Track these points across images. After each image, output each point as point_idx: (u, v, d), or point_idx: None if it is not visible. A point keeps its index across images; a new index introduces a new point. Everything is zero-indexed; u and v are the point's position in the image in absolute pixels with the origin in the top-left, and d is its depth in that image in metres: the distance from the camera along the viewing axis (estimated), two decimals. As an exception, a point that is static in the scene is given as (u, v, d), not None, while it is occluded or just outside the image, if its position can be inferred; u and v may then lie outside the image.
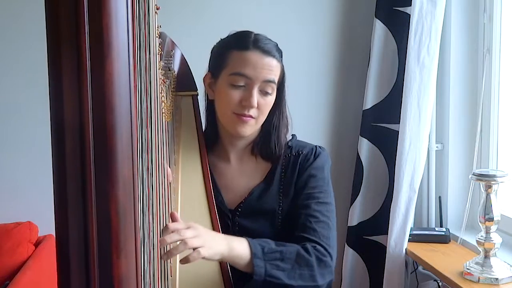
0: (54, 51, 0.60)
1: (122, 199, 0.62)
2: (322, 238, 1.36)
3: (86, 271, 0.60)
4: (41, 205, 2.33)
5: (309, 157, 1.47)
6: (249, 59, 1.38)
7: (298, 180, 1.45)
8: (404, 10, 2.31)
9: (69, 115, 0.60)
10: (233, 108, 1.40)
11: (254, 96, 1.38)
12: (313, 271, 1.31)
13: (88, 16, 0.59)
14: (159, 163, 1.08)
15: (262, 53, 1.39)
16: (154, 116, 0.97)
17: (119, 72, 0.62)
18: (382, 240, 2.38)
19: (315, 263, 1.31)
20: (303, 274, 1.30)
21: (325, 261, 1.33)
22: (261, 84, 1.39)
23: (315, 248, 1.34)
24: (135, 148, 0.66)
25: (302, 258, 1.31)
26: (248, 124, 1.41)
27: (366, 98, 2.41)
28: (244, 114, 1.39)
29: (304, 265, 1.30)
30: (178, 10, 2.37)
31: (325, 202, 1.43)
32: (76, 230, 0.59)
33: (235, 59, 1.40)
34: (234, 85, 1.39)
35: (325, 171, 1.48)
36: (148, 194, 0.91)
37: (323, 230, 1.38)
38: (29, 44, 2.31)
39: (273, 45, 1.43)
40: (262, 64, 1.39)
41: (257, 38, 1.42)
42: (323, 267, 1.33)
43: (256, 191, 1.46)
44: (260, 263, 1.25)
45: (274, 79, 1.41)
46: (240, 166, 1.50)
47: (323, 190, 1.44)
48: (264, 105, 1.41)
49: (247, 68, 1.38)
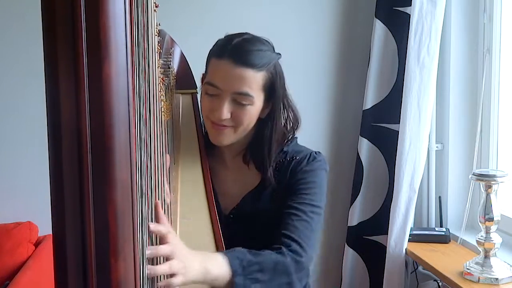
0: (50, 52, 0.59)
1: (120, 202, 0.61)
2: (301, 235, 1.32)
3: (84, 275, 0.59)
4: (41, 205, 2.32)
5: (301, 162, 1.43)
6: (221, 69, 1.33)
7: (288, 184, 1.42)
8: (404, 10, 2.31)
9: (66, 117, 0.59)
10: (208, 116, 1.38)
11: (222, 108, 1.32)
12: (291, 278, 1.27)
13: (85, 16, 0.58)
14: (158, 163, 1.07)
15: (234, 64, 1.31)
16: (153, 116, 0.97)
17: (117, 73, 0.61)
18: (382, 240, 2.38)
19: (292, 268, 1.27)
20: (281, 283, 1.27)
21: (300, 262, 1.29)
22: (233, 95, 1.33)
23: (290, 249, 1.29)
24: (133, 150, 0.65)
25: (280, 266, 1.27)
26: (223, 133, 1.37)
27: (366, 98, 2.41)
28: (216, 122, 1.36)
29: (283, 273, 1.27)
30: (178, 7, 2.36)
31: (311, 204, 1.38)
32: (73, 233, 0.59)
33: (211, 67, 1.37)
34: (208, 93, 1.36)
35: (317, 175, 1.43)
36: (147, 196, 0.90)
37: (303, 229, 1.33)
38: (27, 44, 2.31)
39: (254, 52, 1.34)
40: (233, 76, 1.32)
41: (238, 45, 1.34)
42: (299, 270, 1.29)
43: (248, 197, 1.44)
44: (240, 281, 1.20)
45: (247, 91, 1.33)
46: (235, 171, 1.48)
47: (311, 192, 1.40)
48: (241, 115, 1.35)
49: (217, 79, 1.34)
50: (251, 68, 1.32)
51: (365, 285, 2.48)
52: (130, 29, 0.64)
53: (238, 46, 1.33)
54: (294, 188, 1.40)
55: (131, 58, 0.65)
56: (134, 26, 0.76)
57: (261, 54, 1.34)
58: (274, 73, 1.38)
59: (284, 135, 1.46)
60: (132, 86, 0.65)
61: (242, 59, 1.32)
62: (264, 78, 1.35)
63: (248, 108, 1.35)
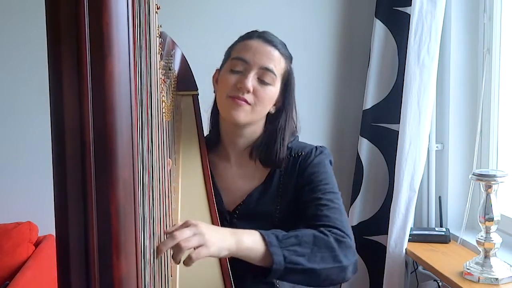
0: (54, 51, 0.59)
1: (122, 200, 0.61)
2: (336, 221, 1.30)
3: (87, 272, 0.59)
4: (41, 205, 2.33)
5: (308, 157, 1.45)
6: (250, 46, 1.40)
7: (298, 181, 1.43)
8: (404, 10, 2.31)
9: (69, 115, 0.59)
10: (228, 92, 1.39)
11: (248, 79, 1.37)
12: (335, 252, 1.24)
13: (89, 15, 0.59)
14: (160, 163, 1.08)
15: (264, 42, 1.41)
16: (155, 115, 0.97)
17: (120, 72, 0.61)
18: (382, 240, 2.38)
19: (335, 244, 1.25)
20: (324, 256, 1.23)
21: (344, 241, 1.27)
22: (259, 70, 1.38)
23: (331, 232, 1.27)
24: (135, 149, 0.65)
25: (320, 240, 1.24)
26: (242, 109, 1.38)
27: (366, 98, 2.41)
28: (238, 96, 1.37)
29: (324, 246, 1.24)
30: (179, 10, 2.36)
31: (333, 192, 1.39)
32: (76, 231, 0.59)
33: (238, 47, 1.43)
34: (233, 70, 1.40)
35: (326, 165, 1.45)
36: (149, 195, 0.91)
37: (336, 215, 1.32)
38: (29, 44, 2.31)
39: (279, 41, 1.44)
40: (262, 51, 1.39)
41: (264, 32, 1.45)
42: (343, 247, 1.26)
43: (254, 193, 1.45)
44: (277, 251, 1.18)
45: (273, 68, 1.39)
46: (240, 168, 1.49)
47: (328, 182, 1.41)
48: (262, 92, 1.39)
49: (246, 53, 1.39)
50: (278, 50, 1.41)
51: (365, 285, 2.48)
52: (133, 29, 0.65)
53: (266, 32, 1.44)
54: (310, 182, 1.41)
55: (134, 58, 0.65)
56: (136, 27, 0.77)
57: (284, 44, 1.45)
58: (290, 70, 1.46)
59: (294, 132, 1.50)
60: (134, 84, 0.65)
61: (272, 40, 1.42)
62: (285, 68, 1.44)
63: (269, 88, 1.40)
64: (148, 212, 0.89)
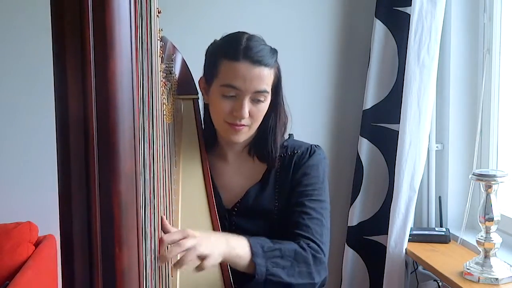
0: (59, 49, 0.61)
1: (125, 194, 0.63)
2: (315, 234, 1.37)
3: (90, 264, 0.61)
4: (41, 205, 2.33)
5: (303, 156, 1.47)
6: (239, 71, 1.35)
7: (292, 179, 1.45)
8: (404, 10, 2.31)
9: (74, 111, 0.61)
10: (225, 118, 1.39)
11: (244, 108, 1.36)
12: (310, 268, 1.32)
13: (92, 15, 0.60)
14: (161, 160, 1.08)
15: (252, 64, 1.35)
16: (156, 116, 0.98)
17: (122, 70, 0.63)
18: (382, 240, 2.39)
19: (311, 260, 1.33)
20: (301, 271, 1.31)
21: (319, 258, 1.35)
22: (252, 94, 1.37)
23: (309, 246, 1.35)
24: (137, 144, 0.67)
25: (300, 255, 1.32)
26: (241, 132, 1.40)
27: (366, 98, 2.42)
28: (236, 123, 1.38)
29: (302, 262, 1.32)
30: (180, 14, 2.37)
31: (319, 200, 1.43)
32: (79, 224, 0.61)
33: (225, 69, 1.37)
34: (225, 95, 1.37)
35: (319, 169, 1.47)
36: (150, 190, 0.92)
37: (316, 227, 1.38)
38: (30, 43, 2.32)
39: (266, 51, 1.38)
40: (252, 76, 1.35)
41: (248, 45, 1.37)
42: (318, 263, 1.34)
43: (252, 191, 1.46)
44: (261, 261, 1.25)
45: (265, 88, 1.38)
46: (237, 166, 1.50)
47: (316, 187, 1.44)
48: (257, 112, 1.39)
49: (237, 80, 1.35)
50: (267, 67, 1.37)
51: (365, 285, 2.48)
52: (135, 30, 0.66)
53: (250, 47, 1.37)
54: (300, 184, 1.44)
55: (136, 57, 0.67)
56: (138, 29, 0.79)
57: (269, 52, 1.39)
58: (278, 67, 1.44)
59: (285, 125, 1.50)
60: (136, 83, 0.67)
61: (259, 59, 1.36)
62: (274, 74, 1.42)
63: (263, 104, 1.40)
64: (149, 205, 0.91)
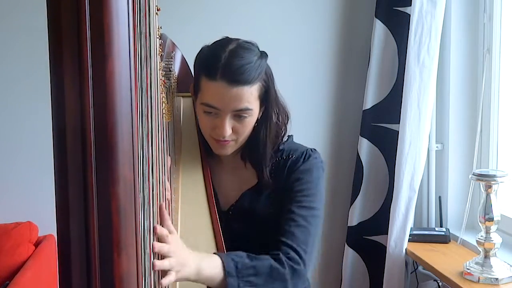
0: (55, 51, 0.60)
1: (123, 198, 0.62)
2: (299, 243, 1.33)
3: (87, 270, 0.60)
4: (41, 205, 2.33)
5: (298, 160, 1.43)
6: (217, 91, 1.31)
7: (285, 184, 1.42)
8: (404, 10, 2.31)
9: (71, 114, 0.60)
10: (209, 133, 1.39)
11: (225, 126, 1.33)
12: (286, 285, 1.29)
13: (89, 15, 0.60)
14: (160, 162, 1.08)
15: (230, 84, 1.29)
16: (155, 116, 0.98)
17: (120, 71, 0.62)
18: (382, 240, 2.38)
19: (288, 275, 1.29)
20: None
21: (298, 270, 1.30)
22: (233, 112, 1.33)
23: (288, 257, 1.30)
24: (135, 147, 0.66)
25: (275, 272, 1.28)
26: (227, 146, 1.39)
27: (366, 98, 2.41)
28: (219, 140, 1.37)
29: (279, 279, 1.28)
30: (179, 11, 2.36)
31: (309, 207, 1.38)
32: (77, 229, 0.60)
33: (204, 87, 1.34)
34: (206, 112, 1.35)
35: (313, 174, 1.43)
36: (149, 193, 0.91)
37: (301, 235, 1.34)
38: (29, 44, 2.31)
39: (247, 67, 1.30)
40: (230, 96, 1.30)
41: (227, 63, 1.30)
42: (296, 277, 1.30)
43: (247, 195, 1.45)
44: (233, 282, 1.22)
45: (246, 106, 1.33)
46: (233, 169, 1.49)
47: (308, 193, 1.40)
48: (242, 127, 1.36)
49: (215, 100, 1.32)
50: (246, 85, 1.31)
51: (365, 285, 2.48)
52: (133, 29, 0.65)
53: (228, 65, 1.30)
54: (291, 189, 1.40)
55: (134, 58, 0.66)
56: (137, 27, 0.78)
57: (252, 67, 1.32)
58: (266, 79, 1.37)
59: (277, 132, 1.46)
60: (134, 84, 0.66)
61: (236, 78, 1.29)
62: (259, 88, 1.35)
63: (248, 119, 1.36)
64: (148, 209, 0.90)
